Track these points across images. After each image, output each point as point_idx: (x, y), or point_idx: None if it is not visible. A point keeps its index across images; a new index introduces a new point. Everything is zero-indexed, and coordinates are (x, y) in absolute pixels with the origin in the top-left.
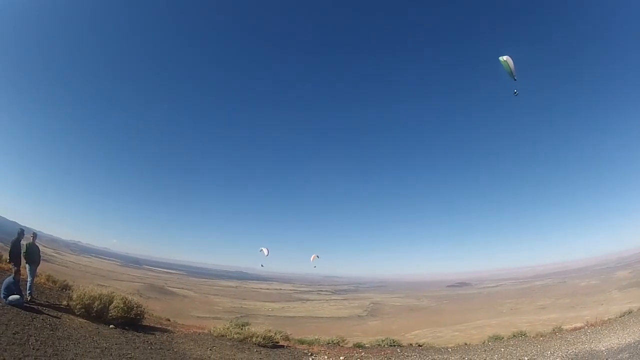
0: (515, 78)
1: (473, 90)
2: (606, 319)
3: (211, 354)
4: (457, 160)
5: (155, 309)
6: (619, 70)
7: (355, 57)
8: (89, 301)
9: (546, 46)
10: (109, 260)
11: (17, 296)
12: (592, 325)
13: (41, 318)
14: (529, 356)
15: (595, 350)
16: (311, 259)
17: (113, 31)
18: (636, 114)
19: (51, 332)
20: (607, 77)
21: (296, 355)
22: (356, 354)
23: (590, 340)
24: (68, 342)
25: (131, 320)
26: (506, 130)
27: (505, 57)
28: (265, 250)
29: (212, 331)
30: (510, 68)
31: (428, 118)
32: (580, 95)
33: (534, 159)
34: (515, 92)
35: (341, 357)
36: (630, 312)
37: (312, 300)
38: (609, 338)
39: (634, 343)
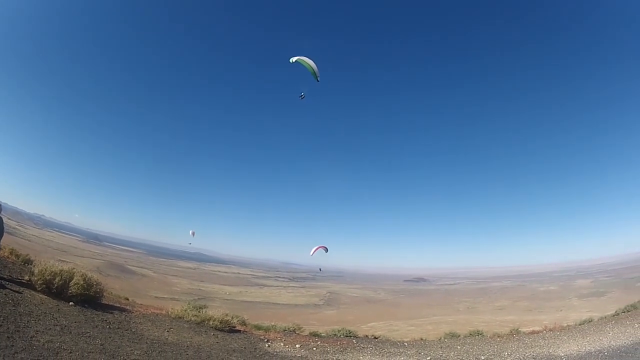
0: (318, 79)
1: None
2: (565, 325)
3: (168, 335)
4: (424, 159)
5: (114, 288)
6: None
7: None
8: (50, 277)
9: (544, 47)
10: (70, 235)
11: None
12: (550, 330)
13: (4, 293)
14: (486, 356)
15: (553, 355)
16: (190, 233)
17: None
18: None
19: (13, 308)
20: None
21: (252, 341)
22: (312, 343)
23: (549, 345)
24: (29, 318)
25: (91, 298)
26: (479, 133)
27: (296, 58)
28: (192, 233)
29: (169, 312)
30: (312, 68)
31: (412, 117)
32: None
33: (502, 162)
34: (302, 96)
35: (297, 345)
36: (590, 320)
37: (270, 286)
38: (567, 344)
39: (594, 352)
